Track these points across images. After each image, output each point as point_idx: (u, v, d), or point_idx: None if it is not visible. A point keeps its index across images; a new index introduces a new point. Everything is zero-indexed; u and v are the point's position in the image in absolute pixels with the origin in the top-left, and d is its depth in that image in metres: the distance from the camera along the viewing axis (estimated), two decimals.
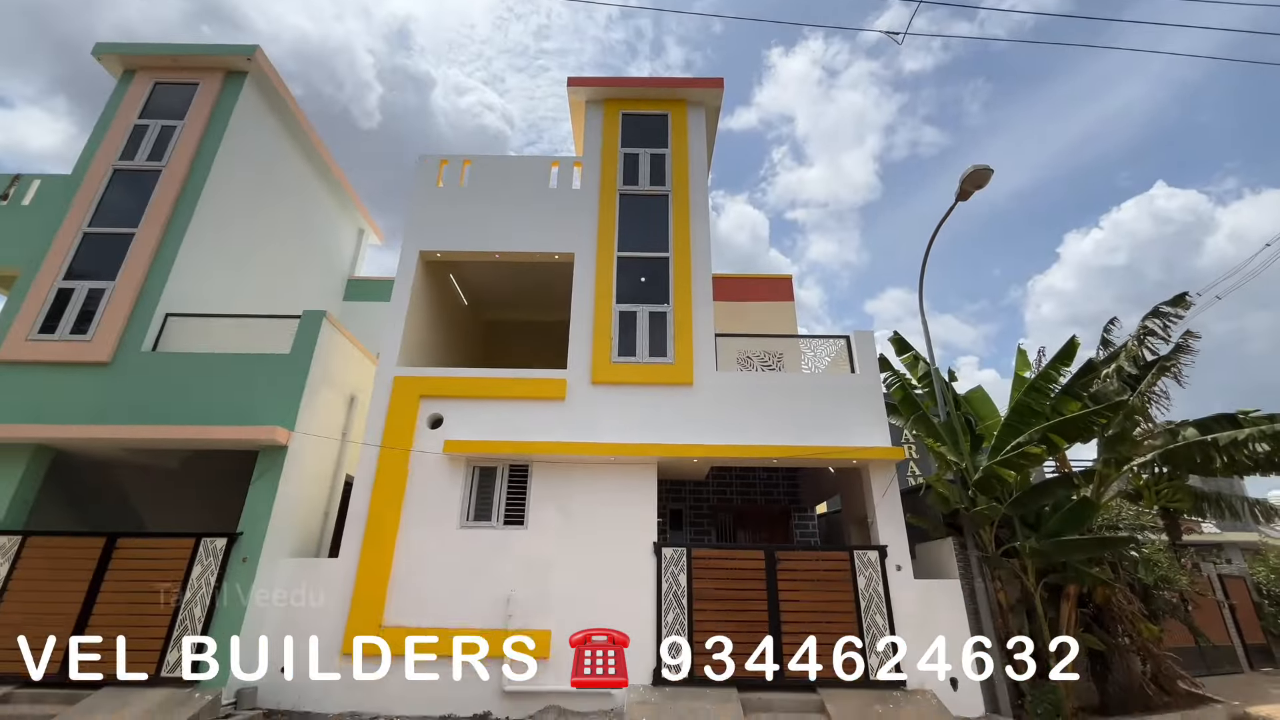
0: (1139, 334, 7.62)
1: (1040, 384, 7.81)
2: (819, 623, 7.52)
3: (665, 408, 8.73)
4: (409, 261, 9.78)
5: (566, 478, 8.32)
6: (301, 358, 8.44)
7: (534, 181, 10.52)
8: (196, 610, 6.97)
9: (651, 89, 11.19)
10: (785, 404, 8.77)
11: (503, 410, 8.68)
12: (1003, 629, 7.53)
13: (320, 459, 8.73)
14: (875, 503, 8.23)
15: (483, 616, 7.49)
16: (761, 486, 12.56)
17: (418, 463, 8.31)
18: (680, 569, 7.78)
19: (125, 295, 8.69)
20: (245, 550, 7.31)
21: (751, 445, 8.38)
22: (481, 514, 8.18)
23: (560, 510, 8.14)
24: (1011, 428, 7.92)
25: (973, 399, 9.21)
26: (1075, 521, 7.37)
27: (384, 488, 8.11)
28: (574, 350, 9.13)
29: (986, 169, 8.09)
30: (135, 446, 8.09)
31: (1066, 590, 7.53)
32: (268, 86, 11.10)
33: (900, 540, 8.00)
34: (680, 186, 10.42)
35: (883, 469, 8.44)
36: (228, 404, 8.06)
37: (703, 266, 9.80)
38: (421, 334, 10.00)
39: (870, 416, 8.69)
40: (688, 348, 9.07)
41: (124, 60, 10.55)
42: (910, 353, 9.52)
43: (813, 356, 9.57)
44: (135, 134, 10.07)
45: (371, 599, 7.49)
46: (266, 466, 7.78)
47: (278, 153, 11.66)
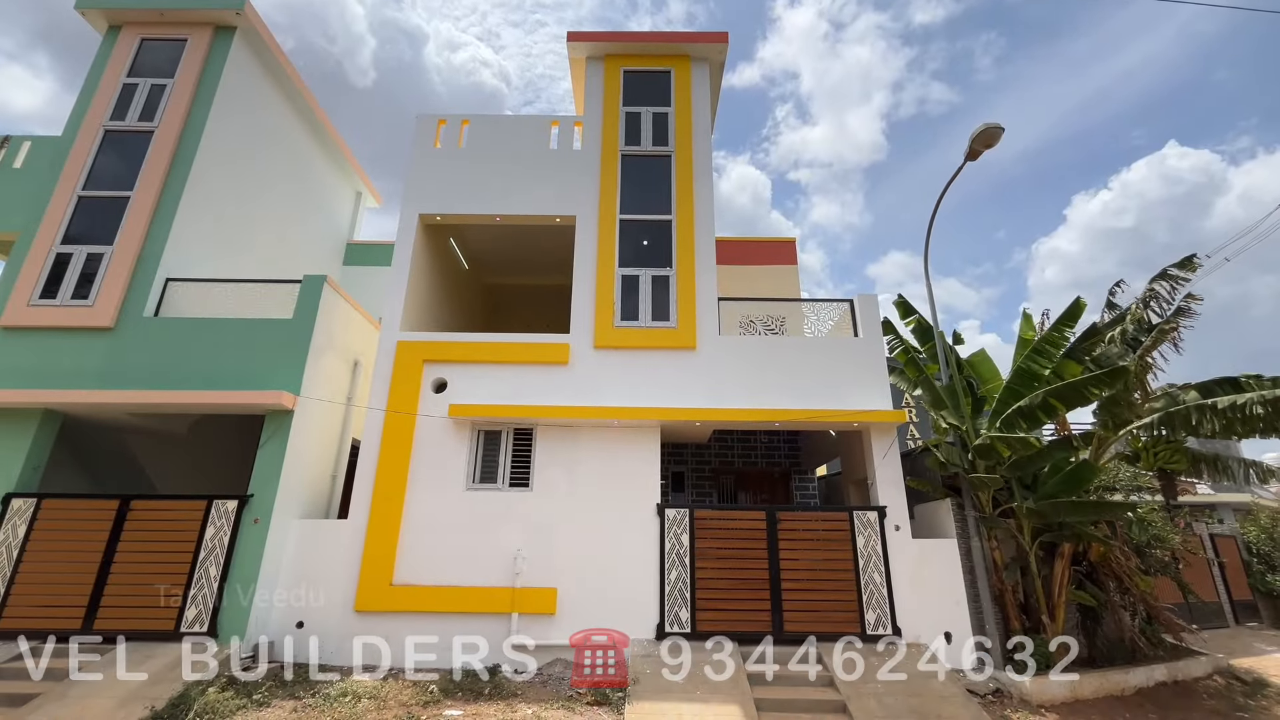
0: (1145, 297, 7.57)
1: (1043, 347, 7.81)
2: (818, 580, 7.72)
3: (668, 372, 8.76)
4: (409, 225, 9.66)
5: (571, 441, 8.42)
6: (304, 323, 8.43)
7: (534, 142, 10.30)
8: (212, 569, 7.16)
9: (654, 44, 10.84)
10: (788, 368, 8.80)
11: (506, 375, 8.72)
12: (997, 585, 7.73)
13: (326, 423, 8.82)
14: (876, 465, 8.34)
15: (491, 575, 7.69)
16: (763, 449, 12.71)
17: (423, 427, 8.39)
18: (683, 529, 7.95)
19: (124, 260, 8.63)
20: (257, 511, 7.46)
21: (754, 409, 8.44)
22: (487, 476, 8.31)
23: (565, 473, 8.26)
24: (1013, 391, 7.96)
25: (975, 362, 9.22)
26: (1074, 483, 7.48)
27: (390, 451, 8.21)
28: (576, 315, 9.11)
29: (997, 127, 7.90)
30: (142, 411, 8.18)
31: (1061, 549, 7.69)
32: (258, 42, 10.77)
33: (899, 501, 8.14)
34: (683, 147, 10.20)
35: (884, 432, 8.52)
36: (232, 369, 8.09)
37: (706, 230, 9.68)
38: (423, 298, 9.97)
39: (872, 380, 8.72)
40: (690, 312, 9.05)
41: (108, 15, 10.19)
42: (914, 316, 9.48)
43: (816, 320, 9.55)
44: (125, 93, 9.82)
45: (381, 557, 7.67)
46: (274, 430, 7.87)
47: (271, 112, 11.39)
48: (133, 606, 7.00)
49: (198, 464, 10.11)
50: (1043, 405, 7.19)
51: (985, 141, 8.02)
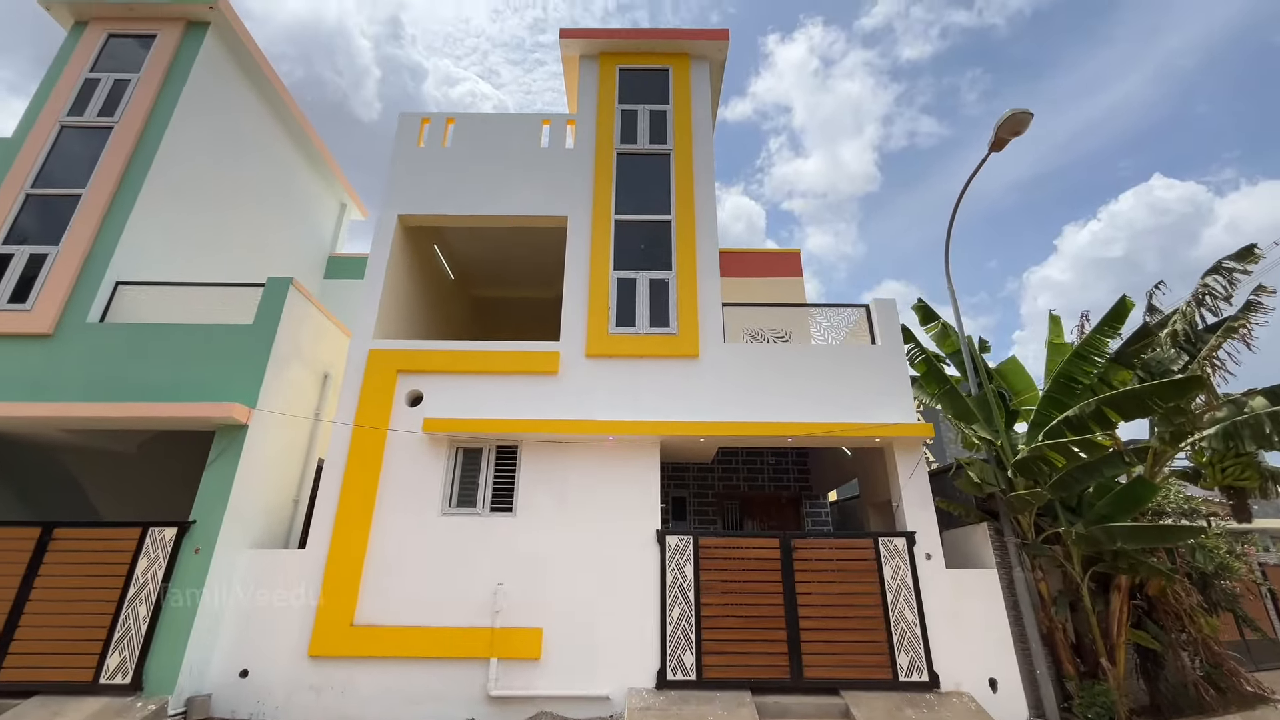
0: (1198, 293, 6.80)
1: (1086, 351, 7.00)
2: (841, 618, 6.76)
3: (668, 382, 7.92)
4: (387, 226, 8.93)
5: (560, 460, 7.53)
6: (265, 329, 7.61)
7: (523, 141, 9.65)
8: (141, 609, 6.17)
9: (651, 40, 10.29)
10: (800, 378, 7.97)
11: (489, 386, 7.87)
12: (1046, 623, 6.78)
13: (288, 441, 7.92)
14: (901, 485, 7.44)
15: (466, 613, 6.71)
16: (770, 472, 11.80)
17: (395, 444, 7.51)
18: (686, 559, 7.01)
19: (70, 261, 7.84)
20: (198, 540, 6.51)
21: (764, 422, 7.58)
22: (465, 500, 7.39)
23: (553, 495, 7.35)
24: (1054, 401, 7.13)
25: (1005, 371, 8.40)
26: (1128, 505, 6.60)
27: (357, 471, 7.31)
28: (567, 321, 8.31)
29: (1026, 113, 7.25)
30: (75, 427, 7.28)
31: (1117, 581, 6.77)
32: (233, 39, 10.19)
33: (930, 526, 7.22)
34: (683, 145, 9.56)
35: (908, 448, 7.65)
36: (182, 379, 7.23)
37: (708, 231, 8.97)
38: (402, 307, 9.17)
39: (894, 391, 7.89)
40: (692, 317, 8.26)
41: (74, 9, 9.63)
42: (936, 322, 8.71)
43: (828, 327, 8.73)
44: (86, 88, 9.18)
45: (342, 594, 6.70)
46: (224, 447, 6.96)
47: (246, 112, 10.76)
48: (48, 654, 5.99)
49: (148, 489, 9.14)
50: (1095, 415, 6.34)
51: (1012, 128, 7.37)
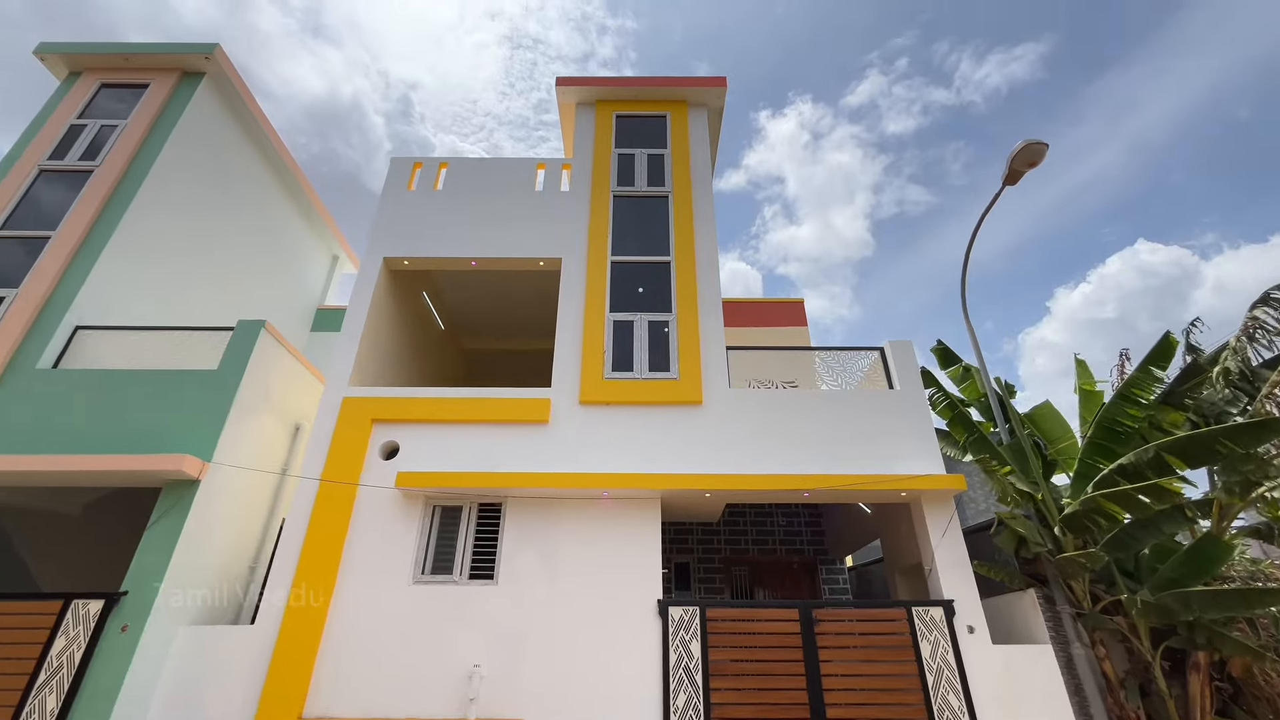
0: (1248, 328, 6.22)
1: (1130, 393, 6.33)
2: (874, 703, 5.78)
3: (670, 431, 7.22)
4: (371, 268, 8.49)
5: (549, 519, 6.72)
6: (230, 375, 7.00)
7: (517, 185, 9.36)
8: (50, 699, 5.22)
9: (648, 88, 10.22)
10: (814, 426, 7.27)
11: (473, 437, 7.16)
12: (1116, 710, 5.77)
13: (249, 500, 7.14)
14: (934, 545, 6.60)
15: (437, 700, 5.74)
16: (781, 534, 10.86)
17: (365, 502, 6.73)
18: (692, 634, 6.08)
19: (27, 304, 7.32)
20: (129, 615, 5.63)
21: (777, 474, 6.81)
22: (441, 566, 6.53)
23: (540, 560, 6.50)
24: (1099, 448, 6.39)
25: (1038, 417, 7.69)
26: (1200, 567, 5.74)
27: (320, 534, 6.49)
28: (560, 366, 7.70)
29: (1040, 143, 6.90)
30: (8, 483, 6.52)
31: (1194, 659, 5.82)
32: (229, 89, 10.13)
33: (969, 593, 6.33)
34: (682, 187, 9.26)
35: (939, 502, 6.85)
36: (135, 430, 6.55)
37: (709, 272, 8.51)
38: (385, 356, 8.60)
39: (917, 438, 7.17)
40: (695, 361, 7.65)
41: (69, 60, 9.61)
42: (957, 365, 8.09)
43: (840, 370, 8.10)
44: (70, 134, 8.98)
45: (293, 679, 5.75)
46: (170, 505, 6.18)
47: (238, 162, 10.57)
48: None
49: (95, 556, 8.26)
50: (1154, 463, 5.59)
51: (1028, 159, 6.98)
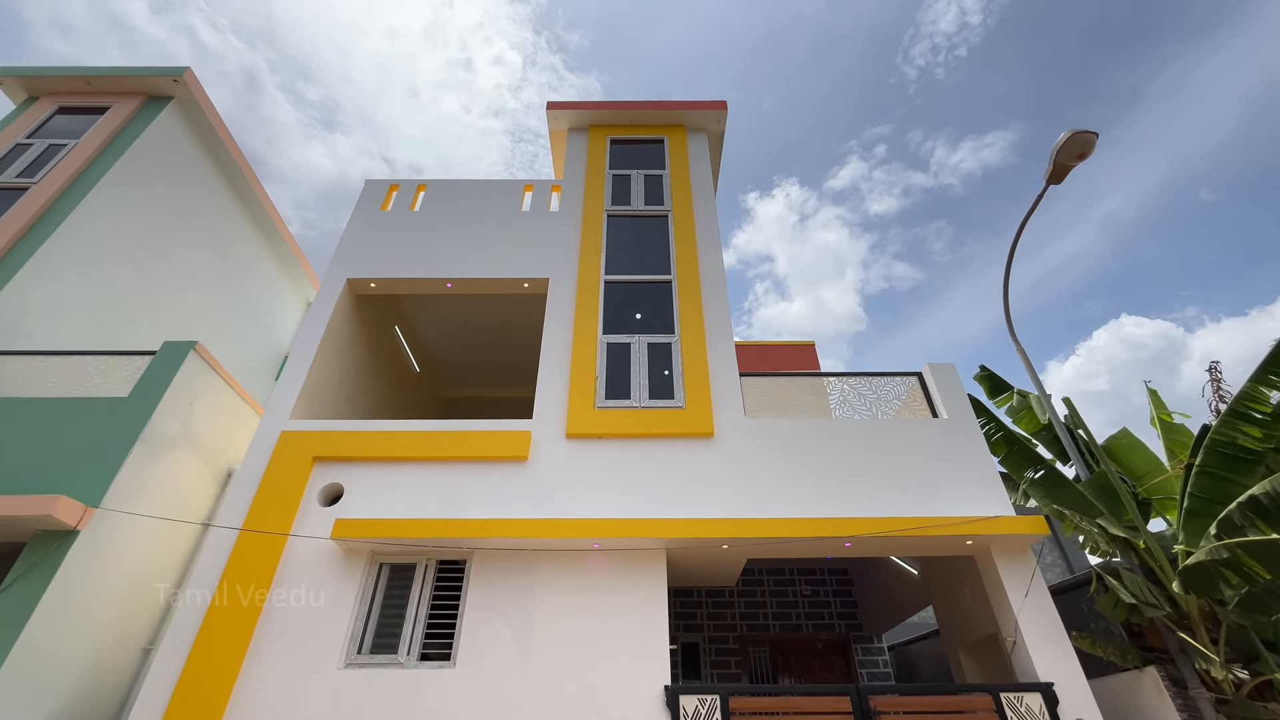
0: None
1: (1244, 408, 5.14)
2: None
3: (676, 469, 5.92)
4: (331, 290, 7.44)
5: (525, 578, 5.30)
6: (142, 404, 5.78)
7: (502, 206, 8.50)
8: None
9: (644, 112, 9.63)
10: (851, 462, 6.00)
11: (436, 478, 5.85)
12: None
13: (151, 560, 5.73)
14: (1015, 610, 5.16)
15: None
16: (806, 606, 9.25)
17: (293, 560, 5.32)
18: None
19: None
20: None
21: (809, 519, 5.45)
22: (384, 643, 5.04)
23: (512, 632, 5.03)
24: (1213, 478, 5.11)
25: (1116, 449, 6.41)
26: None
27: (230, 600, 5.05)
28: (543, 394, 6.50)
29: (1089, 133, 6.10)
30: None
31: None
32: (198, 116, 9.52)
33: (1072, 672, 4.84)
34: (683, 204, 8.43)
35: (1016, 553, 5.47)
36: (8, 467, 5.25)
37: (716, 291, 7.51)
38: (341, 391, 7.40)
39: (977, 475, 5.88)
40: (703, 387, 6.47)
41: (27, 84, 9.02)
42: (1009, 393, 6.91)
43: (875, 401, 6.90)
44: (14, 152, 8.22)
45: None
46: (36, 562, 4.79)
47: (202, 192, 9.80)
48: None
49: None
50: None
51: (1076, 152, 6.15)
